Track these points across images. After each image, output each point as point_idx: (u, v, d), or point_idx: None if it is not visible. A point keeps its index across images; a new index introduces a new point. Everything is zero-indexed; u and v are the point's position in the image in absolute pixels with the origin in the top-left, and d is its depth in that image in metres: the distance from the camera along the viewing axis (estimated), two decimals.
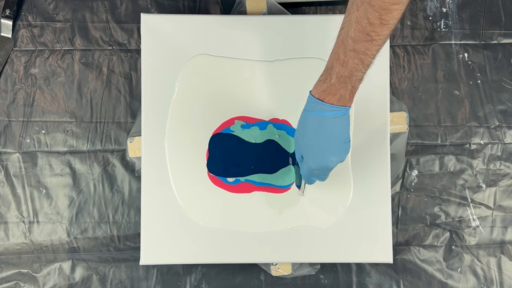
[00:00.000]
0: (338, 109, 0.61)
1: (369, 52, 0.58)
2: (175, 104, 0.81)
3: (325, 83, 0.61)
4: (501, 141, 0.87)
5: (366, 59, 0.58)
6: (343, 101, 0.61)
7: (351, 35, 0.57)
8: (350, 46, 0.58)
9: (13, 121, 0.86)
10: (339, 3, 0.88)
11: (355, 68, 0.59)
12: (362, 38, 0.57)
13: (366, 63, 0.59)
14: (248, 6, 0.84)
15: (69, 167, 0.86)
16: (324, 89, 0.61)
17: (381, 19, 0.55)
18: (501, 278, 0.86)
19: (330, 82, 0.60)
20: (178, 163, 0.81)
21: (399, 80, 0.87)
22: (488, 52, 0.88)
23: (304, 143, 0.65)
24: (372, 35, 0.56)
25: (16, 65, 0.87)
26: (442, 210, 0.86)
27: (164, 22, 0.81)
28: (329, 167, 0.65)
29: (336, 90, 0.60)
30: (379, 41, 0.57)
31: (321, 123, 0.62)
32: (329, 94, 0.61)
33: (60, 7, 0.88)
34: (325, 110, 0.61)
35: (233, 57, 0.82)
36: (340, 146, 0.63)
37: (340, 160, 0.64)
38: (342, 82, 0.60)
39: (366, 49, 0.57)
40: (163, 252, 0.80)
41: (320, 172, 0.66)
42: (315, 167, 0.65)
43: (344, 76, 0.59)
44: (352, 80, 0.60)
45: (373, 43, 0.57)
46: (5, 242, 0.85)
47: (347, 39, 0.58)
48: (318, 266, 0.84)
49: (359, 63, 0.58)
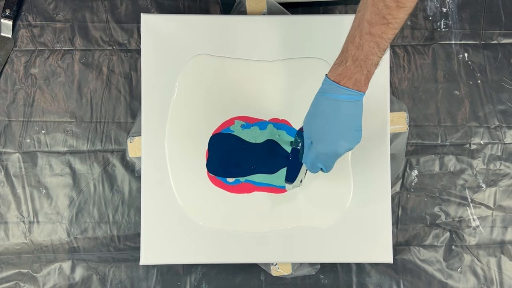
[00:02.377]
0: (353, 93, 0.61)
1: (385, 36, 0.58)
2: (175, 104, 0.81)
3: (340, 66, 0.61)
4: (501, 141, 0.87)
5: (382, 43, 0.58)
6: (358, 86, 0.61)
7: (367, 18, 0.58)
8: (366, 29, 0.58)
9: (13, 121, 0.86)
10: (339, 3, 0.88)
11: (371, 51, 0.59)
12: (378, 21, 0.57)
13: (382, 47, 0.59)
14: (248, 6, 0.84)
15: (69, 167, 0.86)
16: (339, 72, 0.61)
17: (397, 1, 0.55)
18: (501, 278, 0.86)
19: (346, 65, 0.60)
20: (178, 163, 0.81)
21: (399, 80, 0.87)
22: (488, 52, 0.88)
23: (316, 125, 0.64)
24: (388, 18, 0.57)
25: (16, 65, 0.87)
26: (442, 210, 0.86)
27: (164, 22, 0.81)
28: (337, 152, 0.64)
29: (352, 74, 0.60)
30: (395, 25, 0.57)
31: (335, 106, 0.62)
32: (345, 78, 0.61)
33: (60, 7, 0.88)
34: (340, 93, 0.61)
35: (233, 57, 0.82)
36: (351, 132, 0.63)
37: (350, 147, 0.63)
38: (358, 65, 0.60)
39: (382, 32, 0.58)
40: (163, 252, 0.80)
41: (327, 158, 0.65)
42: (324, 151, 0.64)
43: (360, 59, 0.59)
44: (367, 64, 0.60)
45: (389, 27, 0.57)
46: (5, 242, 0.85)
47: (363, 22, 0.58)
48: (318, 266, 0.84)
49: (374, 47, 0.59)
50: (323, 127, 0.63)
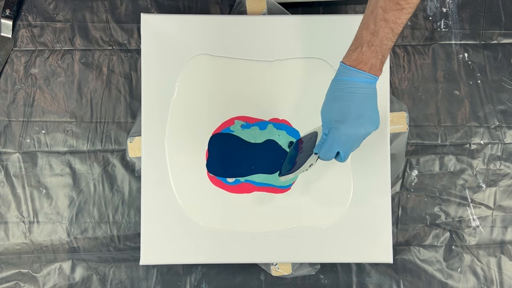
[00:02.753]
0: (370, 77, 0.63)
1: (399, 21, 0.60)
2: (175, 104, 0.81)
3: (355, 52, 0.63)
4: (501, 141, 0.87)
5: (396, 28, 0.61)
6: (374, 70, 0.63)
7: (381, 5, 0.60)
8: (381, 15, 0.60)
9: (13, 121, 0.86)
10: (339, 3, 0.88)
11: (385, 37, 0.61)
12: (391, 7, 0.59)
13: (395, 31, 0.61)
14: (248, 6, 0.84)
15: (69, 167, 0.86)
16: (355, 57, 0.63)
17: None
18: (501, 278, 0.86)
19: (361, 51, 0.62)
20: (178, 163, 0.81)
21: (399, 80, 0.87)
22: (488, 52, 0.88)
23: (336, 108, 0.64)
24: (401, 4, 0.59)
25: (16, 65, 0.87)
26: (442, 210, 0.86)
27: (164, 22, 0.81)
28: (359, 133, 0.64)
29: (368, 59, 0.62)
30: (408, 9, 0.60)
31: (353, 89, 0.63)
32: (361, 63, 0.62)
33: (60, 7, 0.88)
34: (358, 76, 0.63)
35: (233, 57, 0.82)
36: (371, 113, 0.64)
37: (372, 128, 0.64)
38: (373, 51, 0.62)
39: (396, 18, 0.60)
40: (163, 252, 0.80)
41: (348, 140, 0.64)
42: (346, 131, 0.63)
43: (375, 45, 0.61)
44: (382, 49, 0.62)
45: (403, 12, 0.60)
46: (5, 242, 0.85)
47: (377, 9, 0.60)
48: (318, 266, 0.84)
49: (389, 32, 0.61)
50: (344, 108, 0.64)
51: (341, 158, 0.66)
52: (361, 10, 0.87)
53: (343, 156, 0.66)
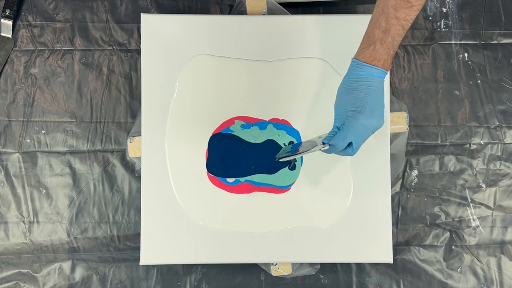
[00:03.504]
0: (383, 72, 0.65)
1: (409, 18, 0.63)
2: (175, 104, 0.81)
3: (368, 50, 0.65)
4: (501, 141, 0.87)
5: (406, 25, 0.63)
6: (386, 66, 0.65)
7: (392, 4, 0.62)
8: (392, 14, 0.63)
9: (13, 121, 0.86)
10: (339, 3, 0.88)
11: (397, 33, 0.64)
12: (402, 5, 0.62)
13: (405, 28, 0.64)
14: (248, 6, 0.84)
15: (69, 167, 0.86)
16: (369, 55, 0.65)
17: None
18: (501, 278, 0.86)
19: (375, 48, 0.64)
20: (178, 163, 0.81)
21: (399, 80, 0.87)
22: (488, 52, 0.88)
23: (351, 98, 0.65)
24: (411, 1, 0.62)
25: (16, 65, 0.87)
26: (442, 210, 0.86)
27: (164, 22, 0.81)
28: (373, 124, 0.65)
29: (381, 56, 0.64)
30: (418, 6, 0.62)
31: (369, 82, 0.65)
32: (375, 59, 0.64)
33: (60, 7, 0.88)
34: (373, 72, 0.65)
35: (233, 57, 0.82)
36: (382, 109, 0.66)
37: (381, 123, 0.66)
38: (386, 48, 0.64)
39: (406, 15, 0.63)
40: (163, 252, 0.80)
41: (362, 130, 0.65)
42: (361, 121, 0.64)
43: (387, 42, 0.64)
44: (394, 45, 0.64)
45: (413, 9, 0.62)
46: (5, 242, 0.85)
47: (387, 7, 0.63)
48: (318, 266, 0.84)
49: (400, 29, 0.63)
50: (360, 100, 0.65)
51: (353, 149, 0.66)
52: (362, 10, 0.87)
53: (355, 147, 0.66)
